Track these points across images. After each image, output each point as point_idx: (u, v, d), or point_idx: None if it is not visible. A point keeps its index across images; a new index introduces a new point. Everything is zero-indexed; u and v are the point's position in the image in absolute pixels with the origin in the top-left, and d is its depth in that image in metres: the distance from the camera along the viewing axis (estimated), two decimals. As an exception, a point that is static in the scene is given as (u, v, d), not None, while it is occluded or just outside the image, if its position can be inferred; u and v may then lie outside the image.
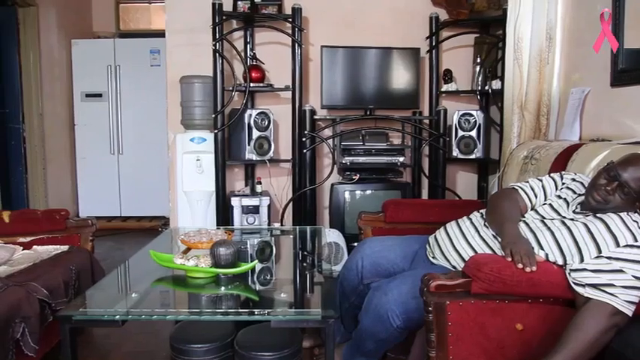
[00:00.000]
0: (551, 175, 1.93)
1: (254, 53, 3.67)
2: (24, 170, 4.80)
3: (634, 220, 1.58)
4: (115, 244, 4.63)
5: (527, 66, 2.84)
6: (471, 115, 3.63)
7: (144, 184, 5.41)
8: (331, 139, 3.63)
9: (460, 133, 3.65)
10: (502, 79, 3.17)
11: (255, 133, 3.52)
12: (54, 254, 2.44)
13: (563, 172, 1.94)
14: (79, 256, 2.49)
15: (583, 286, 1.51)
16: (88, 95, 5.39)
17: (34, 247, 2.54)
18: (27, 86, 4.74)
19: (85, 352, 2.46)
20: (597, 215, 1.64)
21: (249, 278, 2.05)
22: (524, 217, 1.80)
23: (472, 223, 1.90)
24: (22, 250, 2.51)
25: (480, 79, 3.69)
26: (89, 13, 5.92)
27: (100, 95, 5.41)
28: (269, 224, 3.56)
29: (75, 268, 2.35)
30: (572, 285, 1.54)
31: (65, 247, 2.54)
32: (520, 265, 1.53)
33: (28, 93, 4.75)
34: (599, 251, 1.54)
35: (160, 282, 1.99)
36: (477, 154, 3.65)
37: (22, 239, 2.59)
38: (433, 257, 1.95)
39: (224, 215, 3.52)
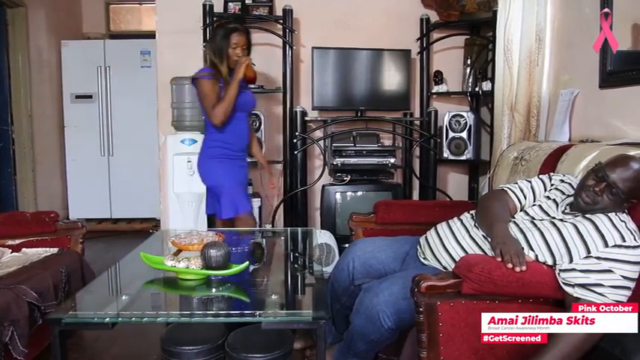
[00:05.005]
0: (540, 176, 1.95)
1: (245, 54, 3.66)
2: (13, 172, 4.74)
3: (622, 221, 1.59)
4: (106, 247, 4.59)
5: (517, 67, 2.86)
6: (462, 116, 3.65)
7: (134, 186, 5.36)
8: (322, 141, 3.63)
9: (451, 134, 3.67)
10: (492, 80, 3.19)
11: (247, 135, 3.51)
12: (43, 257, 2.43)
13: (551, 174, 1.96)
14: (69, 258, 2.47)
15: (572, 286, 1.53)
16: (77, 97, 5.33)
17: (24, 249, 2.52)
18: (16, 87, 4.68)
19: (75, 355, 2.44)
20: (586, 216, 1.65)
21: (241, 280, 2.04)
22: (514, 217, 1.82)
23: (463, 223, 1.90)
24: (11, 252, 2.49)
25: (470, 80, 3.71)
26: (79, 13, 5.88)
27: (90, 97, 5.35)
28: (260, 226, 3.55)
29: (65, 270, 2.33)
30: (562, 285, 1.56)
31: (55, 250, 2.52)
32: (510, 265, 1.54)
33: (17, 94, 4.69)
34: (588, 251, 1.56)
35: (151, 284, 1.98)
36: (468, 155, 3.67)
37: (10, 242, 2.56)
38: (424, 258, 1.96)
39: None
